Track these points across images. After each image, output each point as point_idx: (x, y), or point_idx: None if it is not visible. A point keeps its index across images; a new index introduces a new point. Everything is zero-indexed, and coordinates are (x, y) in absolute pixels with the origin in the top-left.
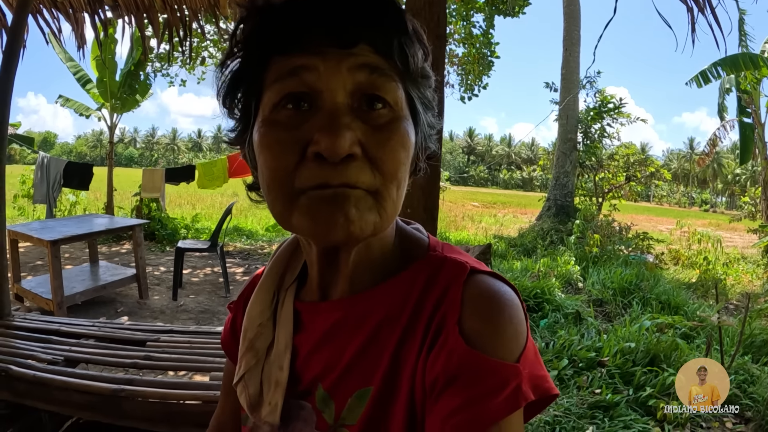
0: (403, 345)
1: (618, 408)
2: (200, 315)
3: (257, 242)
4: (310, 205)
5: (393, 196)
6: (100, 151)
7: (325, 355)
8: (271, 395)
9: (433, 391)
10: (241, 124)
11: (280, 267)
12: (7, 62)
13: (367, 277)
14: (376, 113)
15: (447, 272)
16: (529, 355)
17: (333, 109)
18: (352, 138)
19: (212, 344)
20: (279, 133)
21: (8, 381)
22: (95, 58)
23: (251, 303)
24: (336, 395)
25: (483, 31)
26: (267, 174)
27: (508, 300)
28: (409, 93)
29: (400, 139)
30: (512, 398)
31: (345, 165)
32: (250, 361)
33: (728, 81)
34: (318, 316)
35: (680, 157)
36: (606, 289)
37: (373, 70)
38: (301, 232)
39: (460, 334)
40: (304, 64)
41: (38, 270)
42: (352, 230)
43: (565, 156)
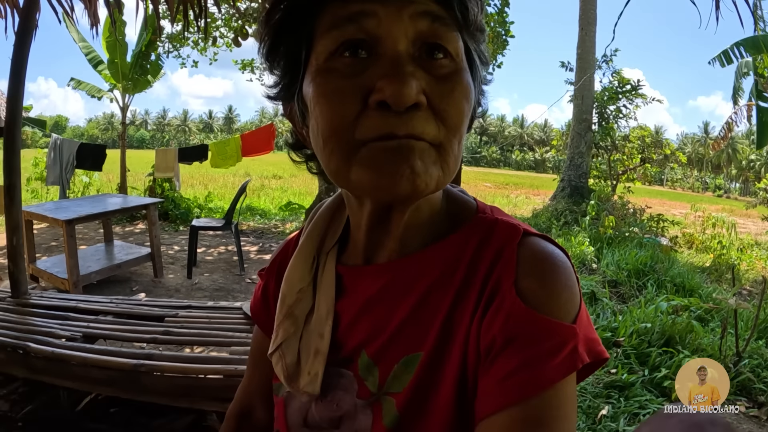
0: (456, 308)
1: (633, 388)
2: (215, 293)
3: (271, 221)
4: (373, 156)
5: (455, 150)
6: (112, 133)
7: (370, 321)
8: (310, 364)
9: (489, 353)
10: (288, 77)
11: (321, 230)
12: (21, 43)
13: (416, 240)
14: (438, 63)
15: (500, 234)
16: (583, 317)
17: (395, 56)
18: (418, 86)
19: (231, 319)
20: (338, 81)
21: (26, 358)
22: (106, 39)
23: (290, 268)
24: (381, 362)
25: (498, 9)
26: (324, 125)
27: (562, 262)
28: (468, 45)
29: (462, 90)
30: (569, 359)
31: (410, 115)
32: (289, 329)
33: (745, 65)
34: (363, 280)
35: (694, 141)
36: (620, 270)
37: (434, 18)
38: (360, 187)
39: (517, 295)
40: (364, 9)
41: (53, 251)
42: (417, 184)
43: (579, 136)
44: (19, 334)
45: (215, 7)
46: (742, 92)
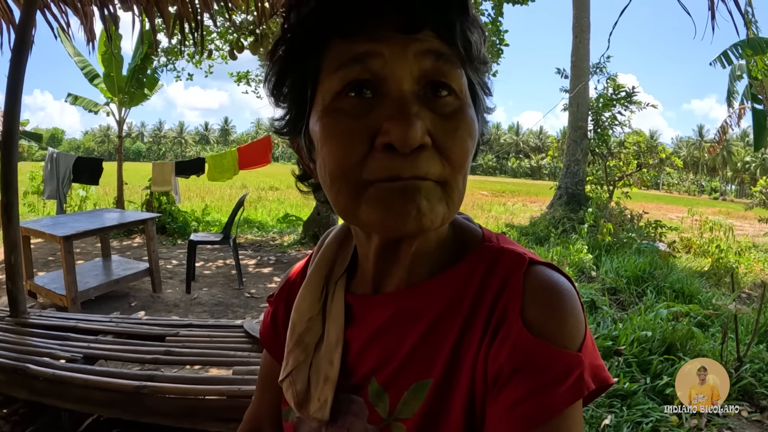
0: (464, 336)
1: (635, 397)
2: (215, 308)
3: (268, 233)
4: (381, 196)
5: (460, 186)
6: (108, 146)
7: (379, 349)
8: (320, 391)
9: (497, 381)
10: (294, 113)
11: (329, 259)
12: (17, 58)
13: (424, 269)
14: (442, 101)
15: (505, 263)
16: (588, 344)
17: (401, 97)
18: (423, 128)
19: (233, 338)
20: (345, 122)
21: (26, 379)
22: (102, 53)
23: (299, 296)
24: (391, 388)
25: (492, 18)
26: (332, 165)
27: (568, 291)
28: (471, 79)
29: (467, 128)
30: (576, 387)
31: (416, 155)
32: (299, 357)
33: (739, 68)
34: (372, 309)
35: (689, 144)
36: (619, 277)
37: (438, 56)
38: (369, 225)
39: (523, 325)
40: (369, 50)
41: (50, 266)
42: (424, 222)
43: (575, 144)
44: (18, 354)
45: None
46: (736, 95)
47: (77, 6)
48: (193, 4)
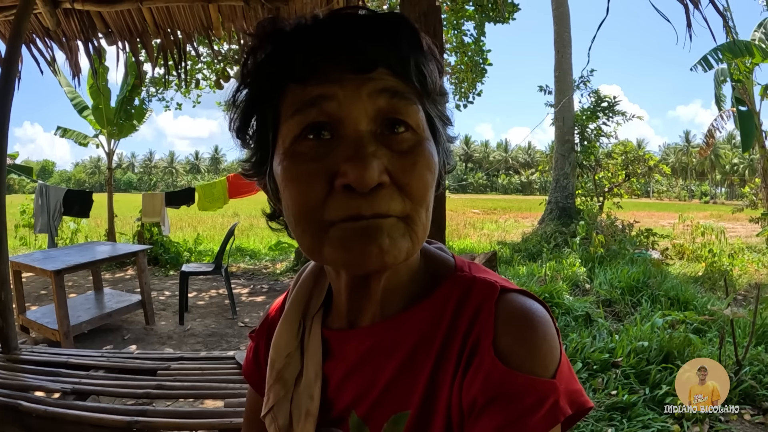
0: (439, 367)
1: (635, 408)
2: (208, 338)
3: (261, 262)
4: (342, 237)
5: (423, 219)
6: (99, 177)
7: (358, 382)
8: (302, 426)
9: (472, 412)
10: (258, 155)
11: (305, 295)
12: (3, 93)
13: (396, 302)
14: (399, 137)
15: (478, 293)
16: (564, 370)
17: (357, 138)
18: (380, 167)
19: (224, 369)
20: (304, 166)
21: (18, 416)
22: (90, 86)
23: (277, 333)
24: (371, 421)
25: (474, 39)
26: (294, 208)
27: (540, 318)
28: (428, 112)
29: (425, 162)
30: (551, 414)
31: (375, 194)
32: (279, 392)
33: (721, 72)
34: (349, 343)
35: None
36: (614, 288)
37: (393, 94)
38: (333, 264)
39: (495, 355)
40: (323, 93)
41: (42, 300)
42: (386, 260)
43: (563, 158)
44: (10, 391)
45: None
46: (724, 98)
47: (62, 41)
48: (176, 36)
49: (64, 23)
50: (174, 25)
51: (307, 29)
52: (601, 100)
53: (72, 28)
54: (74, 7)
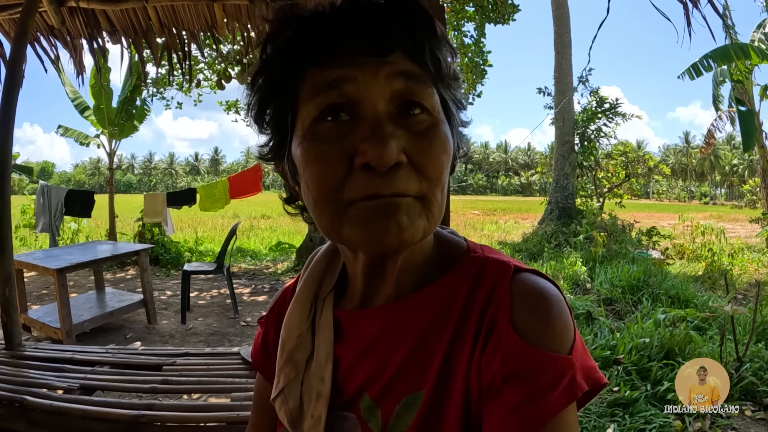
0: (454, 346)
1: (637, 404)
2: (210, 337)
3: (262, 262)
4: (361, 215)
5: (438, 200)
6: (99, 178)
7: (370, 363)
8: (313, 408)
9: (491, 388)
10: (277, 139)
11: (317, 276)
12: (8, 92)
13: (411, 283)
14: (416, 119)
15: (491, 272)
16: (578, 346)
17: (375, 119)
18: (398, 146)
19: (229, 365)
20: (324, 147)
21: (24, 412)
22: (92, 85)
23: (288, 314)
24: (383, 403)
25: (474, 40)
26: (314, 188)
27: (554, 295)
28: (443, 96)
29: (441, 143)
30: (569, 390)
31: (393, 174)
32: (290, 375)
33: (721, 73)
34: (361, 323)
35: (677, 151)
36: (614, 287)
37: (409, 77)
38: (352, 243)
39: (514, 332)
40: (343, 75)
41: (44, 299)
42: (405, 237)
43: (563, 158)
44: (15, 387)
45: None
46: (722, 98)
47: (66, 39)
48: (180, 35)
49: (69, 21)
50: (179, 24)
51: (325, 15)
52: (603, 102)
53: (77, 27)
54: (79, 6)
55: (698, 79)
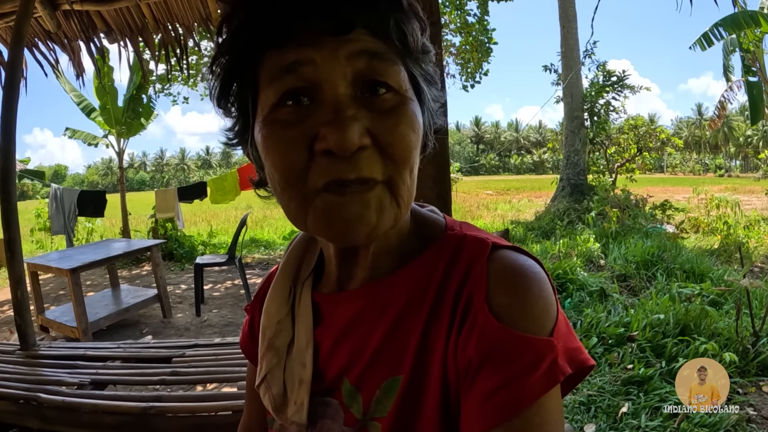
0: (430, 328)
1: (652, 382)
2: (225, 328)
3: (275, 251)
4: (326, 208)
5: (407, 182)
6: (112, 178)
7: (348, 347)
8: (296, 394)
9: (468, 372)
10: (240, 123)
11: (295, 261)
12: (8, 97)
13: (386, 264)
14: (381, 98)
15: (468, 250)
16: (561, 327)
17: (336, 102)
18: (360, 129)
19: (238, 354)
20: (283, 132)
21: (38, 409)
22: (96, 86)
23: (267, 300)
24: (363, 388)
25: (478, 18)
26: (276, 176)
27: (534, 273)
28: (411, 72)
29: (408, 122)
30: (550, 373)
31: (356, 157)
32: (272, 361)
33: (731, 42)
34: (338, 306)
35: (690, 124)
36: (628, 263)
37: (372, 55)
38: (317, 235)
39: (489, 312)
40: (299, 58)
41: (61, 300)
42: (372, 229)
43: (573, 134)
44: (29, 385)
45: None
46: (732, 69)
47: (64, 42)
48: (176, 30)
49: (65, 25)
50: (173, 19)
51: None
52: (610, 75)
53: (73, 29)
54: (73, 8)
55: (709, 49)
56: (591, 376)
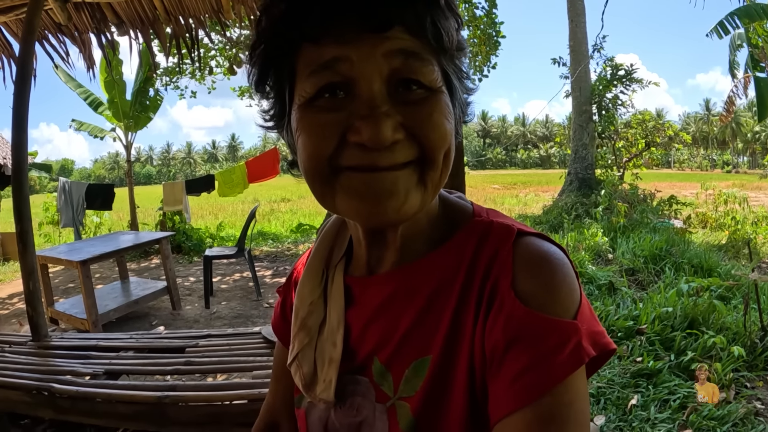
0: (460, 311)
1: (661, 375)
2: (234, 320)
3: (283, 244)
4: (354, 187)
5: (439, 167)
6: (119, 172)
7: (379, 328)
8: (325, 372)
9: (494, 356)
10: (277, 108)
11: (328, 244)
12: (20, 90)
13: (415, 248)
14: (413, 93)
15: (495, 236)
16: (585, 311)
17: (371, 98)
18: (394, 125)
19: (251, 344)
20: (319, 116)
21: (51, 399)
22: (105, 79)
23: (301, 282)
24: (393, 367)
25: (486, 11)
26: (305, 155)
27: (559, 259)
28: (445, 69)
29: (441, 111)
30: (575, 354)
31: (390, 148)
32: (303, 340)
33: (738, 37)
34: (370, 289)
35: (697, 119)
36: (636, 257)
37: (408, 55)
38: (345, 214)
39: (516, 297)
40: (337, 55)
41: (70, 293)
42: (399, 215)
43: (581, 128)
44: (42, 376)
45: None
46: (738, 65)
47: (74, 35)
48: (188, 22)
49: (76, 17)
50: (185, 11)
51: None
52: (617, 69)
53: (84, 22)
54: (84, 0)
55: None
56: (601, 368)
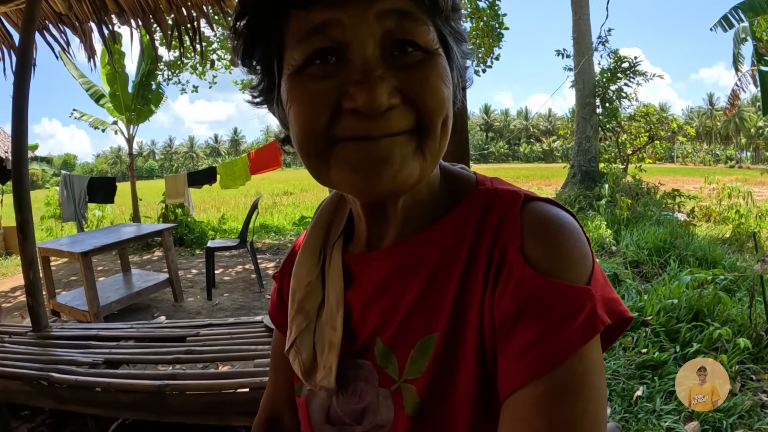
0: (466, 284)
1: (666, 366)
2: (236, 312)
3: (285, 237)
4: (348, 158)
5: (437, 134)
6: (121, 166)
7: (380, 307)
8: (325, 358)
9: (504, 325)
10: (265, 82)
11: (324, 222)
12: (20, 81)
13: (417, 220)
14: (409, 55)
15: (500, 203)
16: (598, 277)
17: (364, 62)
18: (389, 89)
19: (252, 333)
20: (310, 85)
21: (51, 388)
22: (106, 72)
23: (297, 263)
24: (397, 348)
25: (489, 3)
26: (298, 128)
27: (570, 223)
28: (440, 30)
29: (438, 74)
30: (589, 322)
31: (385, 115)
32: (301, 324)
33: (743, 30)
34: (369, 266)
35: (701, 114)
36: (641, 250)
37: (401, 15)
38: (341, 187)
39: (525, 262)
40: (326, 19)
41: (72, 285)
42: (398, 182)
43: (585, 121)
44: (42, 365)
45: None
46: (742, 58)
47: (75, 25)
48: (189, 12)
49: (76, 7)
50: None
51: None
52: (621, 61)
53: (84, 11)
54: None
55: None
56: (605, 360)
